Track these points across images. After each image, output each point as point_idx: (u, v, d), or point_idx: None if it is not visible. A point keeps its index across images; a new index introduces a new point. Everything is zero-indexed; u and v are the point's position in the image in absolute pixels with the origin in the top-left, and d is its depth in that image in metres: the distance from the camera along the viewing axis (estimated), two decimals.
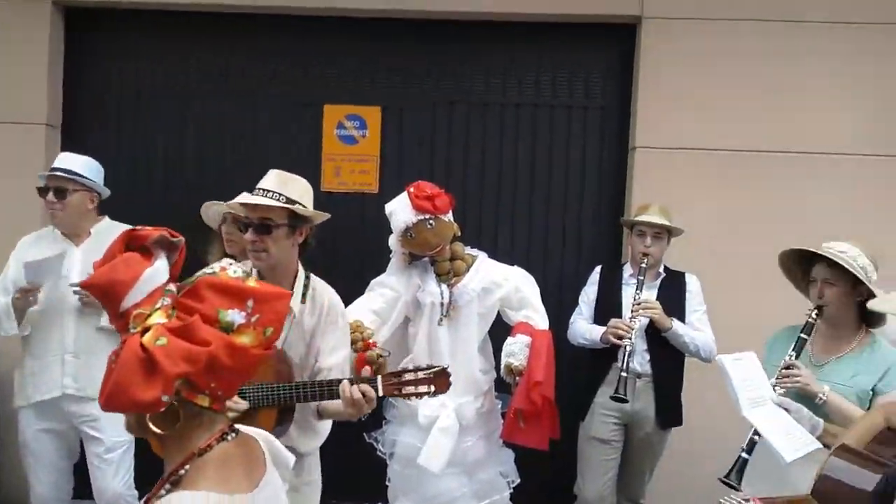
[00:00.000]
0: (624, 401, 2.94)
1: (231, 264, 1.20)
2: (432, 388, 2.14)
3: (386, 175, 4.00)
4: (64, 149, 4.04)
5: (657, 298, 3.10)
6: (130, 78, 4.12)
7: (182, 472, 1.13)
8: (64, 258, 2.91)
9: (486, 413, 2.93)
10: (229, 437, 1.19)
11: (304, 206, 2.25)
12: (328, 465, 3.88)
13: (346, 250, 3.97)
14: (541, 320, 2.89)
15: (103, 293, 1.14)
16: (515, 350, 2.76)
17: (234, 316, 1.12)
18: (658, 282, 3.21)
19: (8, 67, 3.93)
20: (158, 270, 1.16)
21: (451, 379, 2.18)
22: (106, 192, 3.17)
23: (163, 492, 1.13)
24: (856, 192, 3.70)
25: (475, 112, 4.04)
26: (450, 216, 2.84)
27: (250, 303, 1.14)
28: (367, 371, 2.53)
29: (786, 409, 2.20)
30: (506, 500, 2.97)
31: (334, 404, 2.18)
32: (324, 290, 2.36)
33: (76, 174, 3.04)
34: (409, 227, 2.75)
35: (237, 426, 1.24)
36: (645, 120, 3.80)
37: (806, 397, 2.28)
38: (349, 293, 2.87)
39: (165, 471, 1.16)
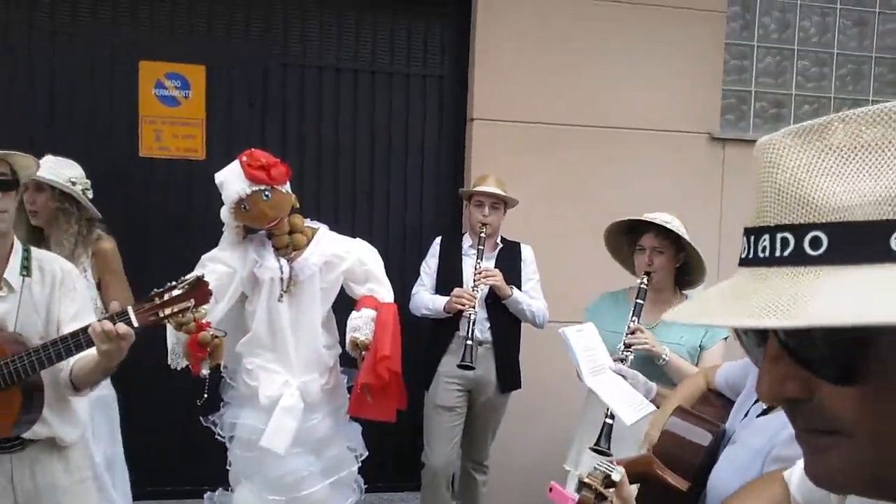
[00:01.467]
0: (471, 368, 3.01)
1: None
2: (192, 302, 1.98)
3: (213, 141, 3.72)
4: None
5: (496, 267, 3.18)
6: None
7: None
8: None
9: (332, 389, 2.85)
10: None
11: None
12: (165, 454, 3.67)
13: (173, 222, 3.67)
14: (386, 293, 2.84)
15: None
16: (360, 324, 2.70)
17: None
18: (496, 252, 3.29)
19: None
20: None
21: (209, 287, 2.03)
22: None
23: None
24: (675, 166, 4.00)
25: (310, 76, 3.86)
26: (287, 187, 2.69)
27: None
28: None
29: (623, 377, 2.34)
30: (354, 475, 2.93)
31: (86, 359, 1.98)
32: (53, 260, 2.19)
33: None
34: (242, 198, 2.57)
35: None
36: (481, 92, 3.84)
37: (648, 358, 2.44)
38: (177, 269, 2.64)
39: None
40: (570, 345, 2.34)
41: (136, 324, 1.90)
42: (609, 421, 2.32)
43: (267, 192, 2.60)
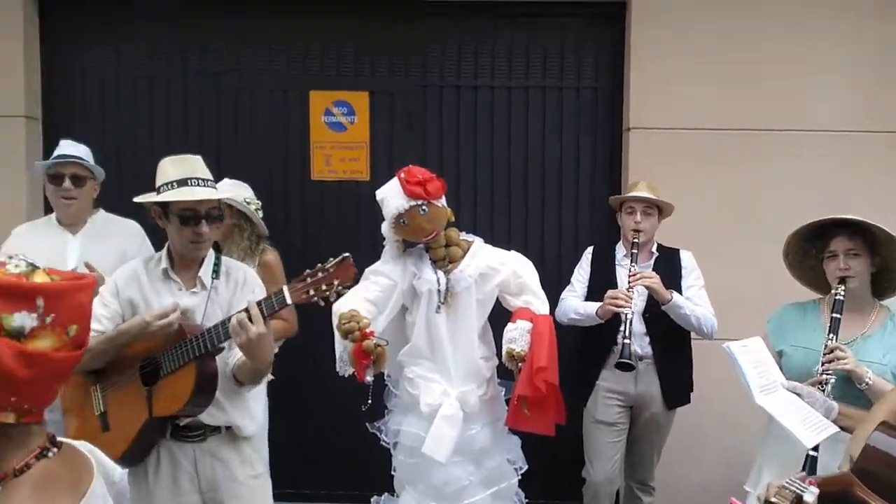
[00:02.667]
0: (630, 367, 2.91)
1: (12, 258, 1.03)
2: (336, 282, 2.06)
3: (376, 161, 3.93)
4: (46, 140, 3.96)
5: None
6: (110, 66, 4.01)
7: None
8: None
9: (490, 400, 2.87)
10: (50, 454, 1.07)
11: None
12: (333, 458, 3.89)
13: (340, 239, 3.89)
14: (541, 305, 2.83)
15: None
16: (516, 336, 2.70)
17: (23, 320, 0.98)
18: (652, 261, 3.17)
19: None
20: None
21: (352, 265, 2.11)
22: (102, 176, 3.11)
23: None
24: (857, 168, 3.66)
25: (466, 96, 3.97)
26: (443, 201, 2.77)
27: (40, 301, 0.99)
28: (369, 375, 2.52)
29: (797, 395, 2.14)
30: (514, 487, 2.92)
31: (242, 357, 2.16)
32: (239, 267, 2.46)
33: (86, 161, 2.99)
34: (401, 213, 2.68)
35: (60, 439, 1.12)
36: (637, 101, 3.74)
37: (848, 381, 2.20)
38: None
39: None
40: (736, 361, 2.18)
41: (289, 301, 2.06)
42: (813, 453, 2.02)
43: (424, 207, 2.68)
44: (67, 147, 3.06)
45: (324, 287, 2.08)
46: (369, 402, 2.66)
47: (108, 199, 3.21)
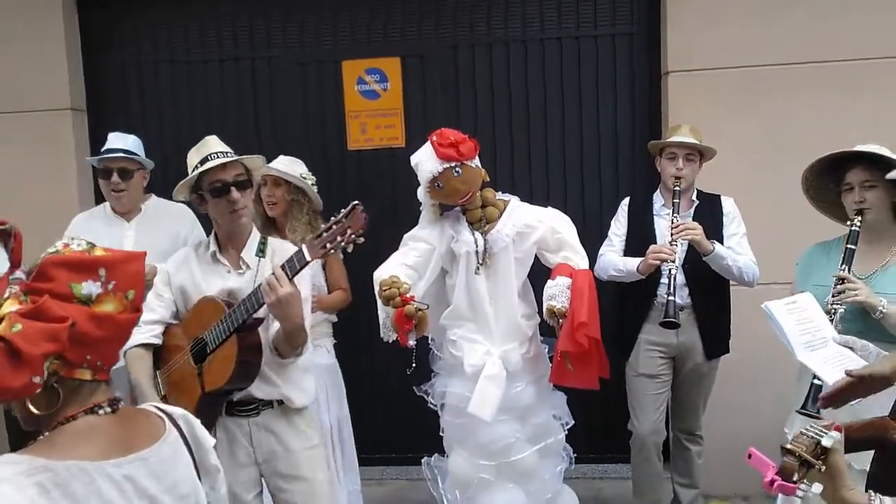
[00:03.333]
0: (675, 325, 2.86)
1: (73, 239, 1.18)
2: (349, 231, 2.10)
3: (412, 127, 3.92)
4: (92, 131, 4.09)
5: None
6: (147, 53, 4.10)
7: (41, 438, 1.13)
8: None
9: (533, 358, 2.88)
10: (101, 411, 1.17)
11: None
12: (384, 421, 3.98)
13: (380, 207, 3.92)
14: (580, 260, 2.80)
15: None
16: (556, 292, 2.69)
17: (90, 287, 1.12)
18: (692, 210, 3.09)
19: (28, 56, 3.94)
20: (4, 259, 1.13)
21: (362, 213, 2.15)
22: (151, 166, 3.20)
23: None
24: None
25: (498, 52, 3.90)
26: (476, 162, 2.75)
27: (102, 271, 1.14)
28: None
29: (851, 348, 2.07)
30: (561, 442, 2.94)
31: (277, 329, 2.23)
32: (283, 245, 2.49)
33: (134, 154, 3.08)
34: (435, 176, 2.68)
35: (121, 405, 1.21)
36: (675, 43, 3.61)
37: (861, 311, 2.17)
38: (385, 250, 2.85)
39: None
40: (775, 320, 2.12)
41: (308, 257, 2.10)
42: (817, 382, 2.07)
43: (458, 169, 2.68)
44: (115, 141, 3.15)
45: (339, 239, 2.12)
46: (413, 365, 2.70)
47: (157, 183, 3.31)
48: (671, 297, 2.84)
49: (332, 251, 2.12)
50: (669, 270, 2.87)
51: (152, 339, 2.37)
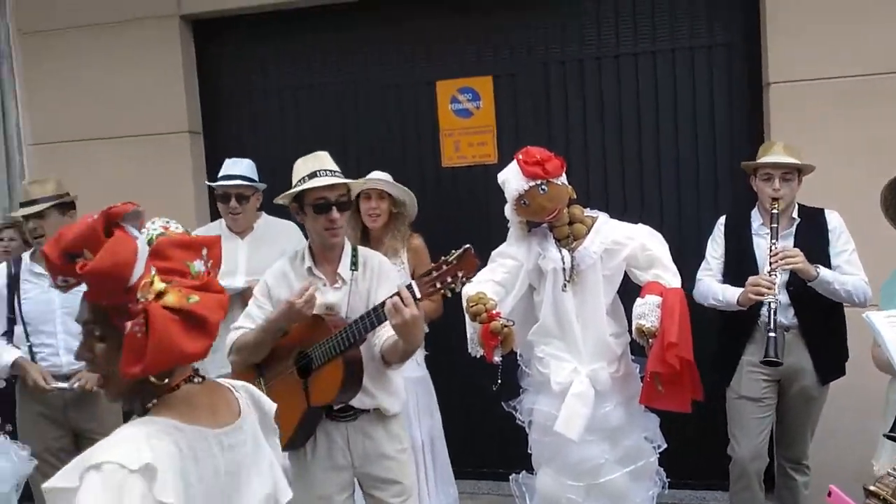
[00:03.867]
0: (777, 364, 2.73)
1: (168, 222, 1.28)
2: (460, 273, 2.14)
3: (504, 144, 3.95)
4: (207, 152, 4.38)
5: (795, 245, 2.84)
6: (257, 80, 4.35)
7: (150, 405, 1.23)
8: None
9: (623, 378, 2.83)
10: (195, 380, 1.27)
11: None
12: (472, 437, 4.00)
13: (471, 223, 3.98)
14: (672, 278, 2.73)
15: (108, 276, 1.14)
16: (645, 311, 2.63)
17: (199, 265, 1.22)
18: (793, 227, 2.94)
19: (148, 82, 4.27)
20: (142, 241, 1.22)
21: (474, 256, 2.17)
22: (263, 188, 3.41)
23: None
24: None
25: (589, 68, 3.88)
26: (563, 179, 2.75)
27: (205, 251, 1.24)
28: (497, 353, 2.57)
29: None
30: (653, 465, 2.86)
31: (392, 339, 2.29)
32: (374, 255, 2.59)
33: (251, 179, 3.29)
34: (521, 194, 2.70)
35: (204, 375, 1.32)
36: (777, 53, 3.47)
37: None
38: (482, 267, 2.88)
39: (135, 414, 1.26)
40: (878, 332, 1.99)
41: (418, 295, 2.16)
42: None
43: (543, 186, 2.68)
44: (232, 167, 3.36)
45: (448, 280, 2.16)
46: (499, 381, 2.71)
47: (266, 201, 3.49)
48: (772, 335, 2.70)
49: (441, 291, 2.17)
50: (769, 304, 2.73)
51: None
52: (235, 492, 1.25)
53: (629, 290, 2.88)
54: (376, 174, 3.34)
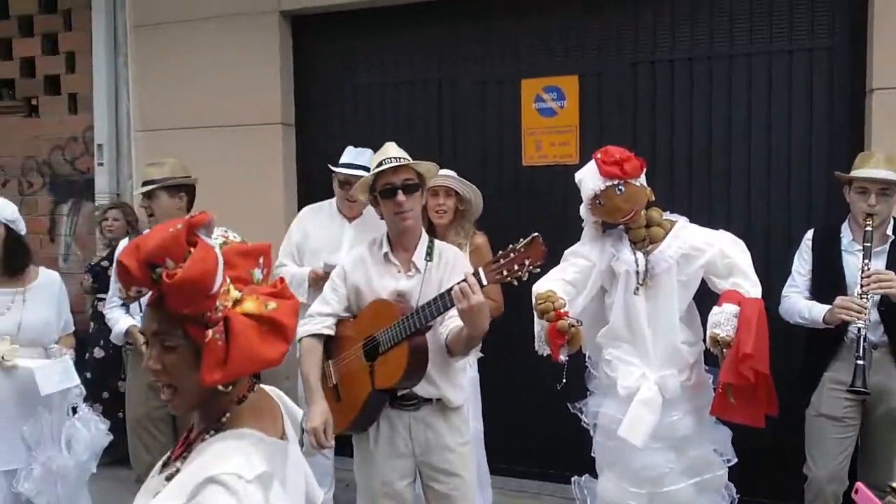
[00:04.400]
0: (864, 394, 2.59)
1: (226, 231, 1.29)
2: (527, 261, 2.16)
3: (586, 144, 3.91)
4: (298, 143, 4.55)
5: (888, 266, 2.67)
6: (348, 75, 4.48)
7: (224, 419, 1.24)
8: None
9: (694, 387, 2.75)
10: (254, 389, 1.30)
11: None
12: (534, 436, 3.98)
13: (548, 223, 3.94)
14: (751, 288, 2.63)
15: (196, 285, 1.15)
16: (721, 320, 2.54)
17: (258, 273, 1.26)
18: (887, 245, 2.77)
19: (246, 74, 4.47)
20: (218, 250, 1.25)
21: (542, 244, 2.19)
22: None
23: (207, 436, 1.22)
24: None
25: (680, 70, 3.78)
26: (642, 180, 2.70)
27: (261, 259, 1.27)
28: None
29: None
30: (721, 479, 2.77)
31: (456, 328, 2.32)
32: (449, 248, 2.62)
33: (368, 168, 3.41)
34: (597, 194, 2.67)
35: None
36: (882, 59, 3.28)
37: None
38: (553, 265, 2.87)
39: (198, 426, 1.27)
40: None
41: (485, 282, 2.18)
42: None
43: (620, 186, 2.64)
44: (357, 156, 3.49)
45: (515, 267, 2.18)
46: (564, 381, 2.69)
47: None
48: (860, 362, 2.56)
49: (508, 278, 2.19)
50: (858, 329, 2.59)
51: (325, 331, 2.58)
52: (297, 498, 1.29)
53: (706, 299, 2.80)
54: (444, 172, 3.38)
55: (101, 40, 4.79)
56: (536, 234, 2.20)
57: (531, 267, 2.18)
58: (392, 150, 2.54)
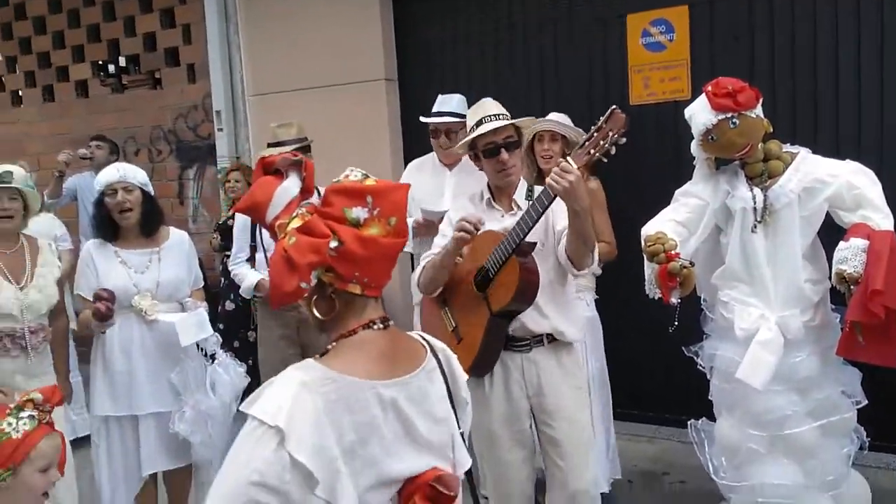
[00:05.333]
0: None
1: (352, 170, 1.31)
2: (612, 133, 2.18)
3: (698, 79, 3.71)
4: (402, 98, 4.61)
5: None
6: (449, 28, 4.46)
7: (329, 347, 1.31)
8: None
9: (818, 327, 2.62)
10: (374, 327, 1.31)
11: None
12: (658, 379, 3.93)
13: (659, 164, 3.83)
14: (882, 220, 2.45)
15: (251, 214, 1.34)
16: (848, 255, 2.39)
17: (359, 212, 1.26)
18: None
19: (350, 34, 4.55)
20: (288, 187, 1.32)
21: (621, 114, 2.20)
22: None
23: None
24: None
25: None
26: (758, 111, 2.55)
27: (369, 198, 1.26)
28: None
29: None
30: (849, 422, 2.64)
31: (566, 237, 2.37)
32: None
33: (460, 115, 3.43)
34: (709, 129, 2.55)
35: (391, 324, 1.35)
36: None
37: None
38: (665, 206, 2.81)
39: None
40: None
41: (573, 165, 2.19)
42: None
43: (734, 119, 2.52)
44: (442, 104, 3.53)
45: (601, 143, 2.20)
46: (675, 323, 2.63)
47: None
48: None
49: (596, 155, 2.22)
50: None
51: None
52: (393, 446, 1.25)
53: (833, 234, 2.63)
54: (553, 115, 3.35)
55: (213, 10, 5.01)
56: (615, 106, 2.23)
57: (616, 136, 2.20)
58: (491, 107, 2.54)
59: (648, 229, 2.69)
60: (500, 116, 2.51)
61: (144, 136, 5.53)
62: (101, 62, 5.65)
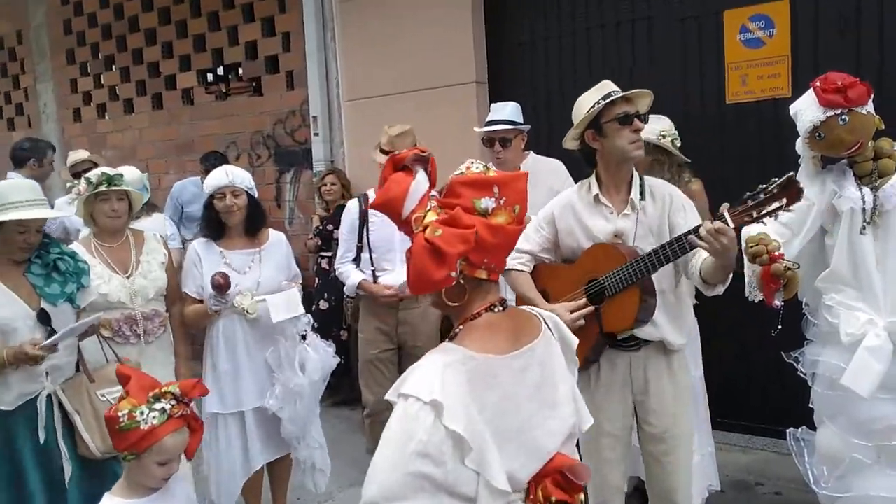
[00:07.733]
0: None
1: (473, 162, 1.37)
2: (784, 201, 1.99)
3: (799, 76, 3.59)
4: (492, 100, 4.64)
5: None
6: (538, 31, 4.48)
7: (457, 331, 1.39)
8: None
9: None
10: (496, 309, 1.40)
11: None
12: (751, 387, 3.81)
13: (758, 165, 3.71)
14: None
15: (386, 210, 1.41)
16: None
17: (487, 202, 1.33)
18: None
19: (441, 38, 4.64)
20: (420, 182, 1.39)
21: (800, 188, 1.98)
22: (527, 129, 3.56)
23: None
24: None
25: None
26: (869, 107, 2.45)
27: (496, 188, 1.33)
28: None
29: None
30: None
31: (709, 261, 2.23)
32: (663, 185, 2.54)
33: (514, 122, 3.48)
34: (816, 126, 2.46)
35: (508, 305, 1.43)
36: None
37: None
38: None
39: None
40: None
41: (731, 224, 2.04)
42: None
43: (844, 116, 2.43)
44: (495, 112, 3.55)
45: (766, 210, 2.03)
46: (779, 327, 2.55)
47: (541, 144, 3.67)
48: None
49: (757, 220, 2.07)
50: None
51: (519, 266, 2.63)
52: (529, 411, 1.36)
53: None
54: (656, 119, 3.28)
55: (311, 19, 5.20)
56: (791, 173, 2.04)
57: (784, 209, 2.02)
58: (613, 86, 2.46)
59: (750, 230, 2.61)
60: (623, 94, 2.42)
61: (245, 142, 5.79)
62: (205, 71, 5.97)
